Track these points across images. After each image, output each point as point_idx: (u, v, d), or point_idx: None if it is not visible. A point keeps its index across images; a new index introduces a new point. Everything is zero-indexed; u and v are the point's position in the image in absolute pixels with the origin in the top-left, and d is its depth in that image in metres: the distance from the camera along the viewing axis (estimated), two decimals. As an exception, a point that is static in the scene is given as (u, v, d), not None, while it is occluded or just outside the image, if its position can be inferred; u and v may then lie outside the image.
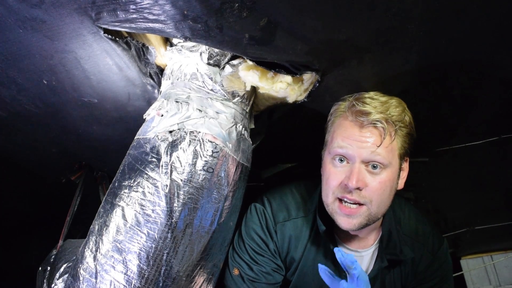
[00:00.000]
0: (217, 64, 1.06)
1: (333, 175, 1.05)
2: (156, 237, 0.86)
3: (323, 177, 1.12)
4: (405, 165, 1.11)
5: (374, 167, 1.01)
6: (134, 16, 0.82)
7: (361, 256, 1.19)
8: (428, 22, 0.90)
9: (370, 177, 1.02)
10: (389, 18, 0.87)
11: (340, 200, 1.04)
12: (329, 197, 1.06)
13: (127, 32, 0.97)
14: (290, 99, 1.13)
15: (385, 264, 1.16)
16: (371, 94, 1.07)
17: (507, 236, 2.44)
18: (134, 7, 0.80)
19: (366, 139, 1.00)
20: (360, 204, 1.02)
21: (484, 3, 0.86)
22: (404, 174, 1.12)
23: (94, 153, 1.51)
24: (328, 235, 1.15)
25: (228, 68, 1.03)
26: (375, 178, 1.01)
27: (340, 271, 1.17)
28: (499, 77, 1.16)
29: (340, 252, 0.98)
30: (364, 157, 1.00)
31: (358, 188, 1.01)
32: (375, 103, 1.03)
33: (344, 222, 1.04)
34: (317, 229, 1.16)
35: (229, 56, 1.05)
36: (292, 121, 1.33)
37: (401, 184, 1.11)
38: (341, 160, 1.04)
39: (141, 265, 0.85)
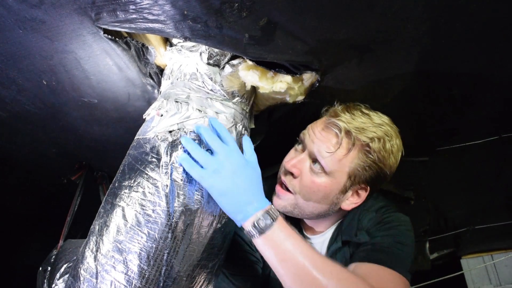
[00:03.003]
0: (217, 64, 1.06)
1: (288, 155, 1.12)
2: (157, 237, 0.86)
3: None
4: (362, 194, 1.07)
5: (315, 163, 1.03)
6: (134, 16, 0.82)
7: (311, 243, 1.20)
8: (428, 21, 0.90)
9: (309, 172, 1.03)
10: (388, 18, 0.87)
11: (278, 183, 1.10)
12: (279, 173, 1.12)
13: (126, 32, 0.97)
14: (290, 99, 1.13)
15: (339, 245, 1.15)
16: (369, 111, 1.06)
17: (507, 236, 2.44)
18: (133, 7, 0.80)
19: (321, 137, 1.03)
20: (288, 191, 1.06)
21: (485, 2, 0.86)
22: (356, 200, 1.07)
23: (94, 153, 1.51)
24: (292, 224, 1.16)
25: (228, 68, 1.03)
26: (311, 176, 1.03)
27: None
28: (499, 76, 1.16)
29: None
30: (311, 152, 1.03)
31: (292, 174, 1.04)
32: (355, 114, 1.02)
33: (275, 200, 1.09)
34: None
35: (229, 56, 1.05)
36: (292, 121, 1.33)
37: (345, 205, 1.07)
38: (299, 144, 1.10)
39: (142, 265, 0.85)
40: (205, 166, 0.88)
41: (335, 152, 0.99)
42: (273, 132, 1.33)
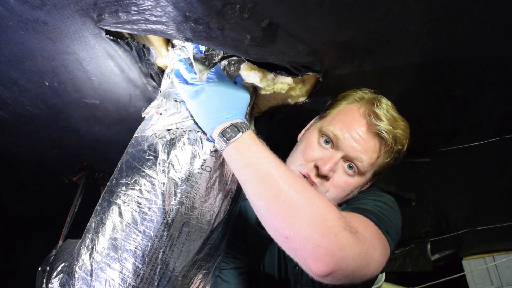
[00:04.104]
0: (208, 60, 1.05)
1: (310, 150, 1.04)
2: (152, 235, 0.86)
3: (300, 144, 1.10)
4: (371, 181, 1.11)
5: (350, 167, 1.01)
6: (136, 17, 0.82)
7: None
8: (429, 22, 0.90)
9: (341, 172, 1.01)
10: (390, 19, 0.87)
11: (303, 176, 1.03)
12: (294, 165, 1.05)
13: (128, 34, 0.98)
14: (292, 100, 1.13)
15: None
16: (388, 101, 1.04)
17: (509, 237, 2.43)
18: (135, 8, 0.80)
19: (363, 141, 0.99)
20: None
21: (486, 2, 0.86)
22: (366, 186, 1.10)
23: (96, 154, 1.52)
24: None
25: (229, 69, 1.03)
26: (343, 176, 1.01)
27: None
28: (500, 77, 1.16)
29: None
30: (349, 155, 0.99)
31: (325, 176, 1.00)
32: (389, 115, 1.00)
33: None
34: None
35: (221, 53, 1.05)
36: (294, 122, 1.33)
37: (356, 193, 1.09)
38: (327, 142, 1.03)
39: (137, 263, 0.85)
40: (191, 79, 0.93)
41: (377, 156, 1.00)
42: (274, 134, 1.33)
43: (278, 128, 1.34)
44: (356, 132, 1.00)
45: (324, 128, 1.04)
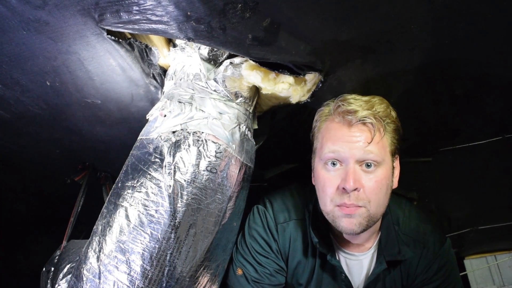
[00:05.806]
0: (213, 59, 1.05)
1: (328, 181, 1.03)
2: (160, 237, 0.87)
3: (318, 186, 1.09)
4: (397, 163, 1.10)
5: (368, 165, 1.00)
6: (137, 17, 0.82)
7: (359, 260, 1.18)
8: (431, 22, 0.89)
9: (366, 177, 1.00)
10: (392, 18, 0.87)
11: (339, 206, 1.02)
12: (327, 206, 1.04)
13: (130, 33, 0.98)
14: (293, 100, 1.13)
15: (384, 266, 1.14)
16: (353, 95, 1.07)
17: (511, 236, 2.42)
18: (137, 8, 0.80)
19: (357, 138, 0.99)
20: (358, 206, 1.00)
21: (488, 2, 0.86)
22: (396, 172, 1.10)
23: (98, 153, 1.52)
24: (323, 244, 1.14)
25: (230, 69, 1.03)
26: (371, 178, 1.00)
27: (337, 280, 1.17)
28: (502, 77, 1.15)
29: None
30: (358, 157, 0.99)
31: (355, 190, 0.98)
32: (359, 102, 1.03)
33: (346, 223, 1.01)
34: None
35: (227, 53, 1.05)
36: (295, 121, 1.33)
37: (395, 183, 1.09)
38: (334, 164, 1.02)
39: (145, 265, 0.85)
40: None
41: (373, 139, 0.99)
42: (276, 133, 1.33)
43: (280, 126, 1.34)
44: (347, 135, 1.01)
45: (322, 155, 1.04)
